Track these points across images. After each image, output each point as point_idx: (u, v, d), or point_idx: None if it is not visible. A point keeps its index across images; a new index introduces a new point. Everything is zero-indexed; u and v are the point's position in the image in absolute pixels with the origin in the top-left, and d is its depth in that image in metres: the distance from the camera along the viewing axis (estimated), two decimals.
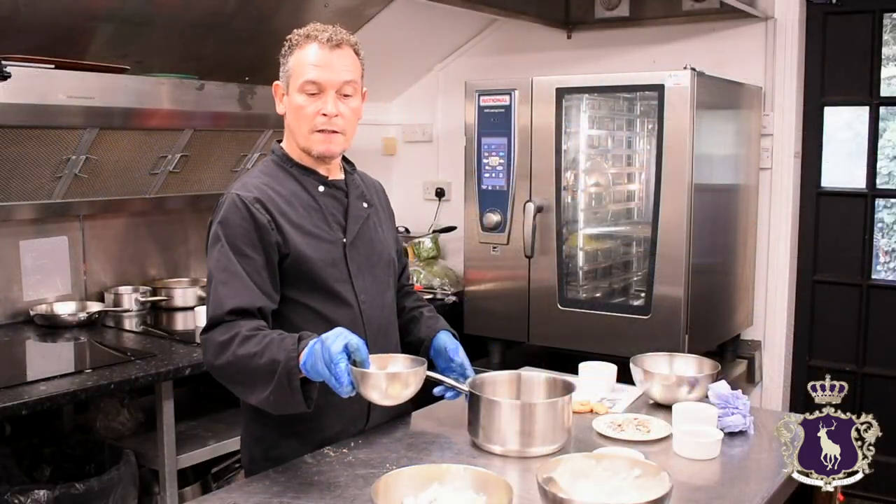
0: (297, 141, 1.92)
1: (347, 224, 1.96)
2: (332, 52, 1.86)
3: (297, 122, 1.90)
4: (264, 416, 1.90)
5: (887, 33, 3.61)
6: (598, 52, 4.00)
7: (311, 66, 1.85)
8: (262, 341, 1.72)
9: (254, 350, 1.71)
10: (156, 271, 3.68)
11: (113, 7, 2.94)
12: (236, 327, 1.76)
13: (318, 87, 1.86)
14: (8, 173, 2.83)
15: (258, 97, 3.39)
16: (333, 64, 1.86)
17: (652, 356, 2.30)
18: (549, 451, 1.84)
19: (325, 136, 1.89)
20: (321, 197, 1.94)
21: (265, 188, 1.88)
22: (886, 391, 3.68)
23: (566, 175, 3.31)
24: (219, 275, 1.82)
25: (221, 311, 1.78)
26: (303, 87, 1.86)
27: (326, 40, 1.86)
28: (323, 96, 1.87)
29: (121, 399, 2.97)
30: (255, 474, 1.91)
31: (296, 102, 1.88)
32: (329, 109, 1.86)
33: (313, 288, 1.89)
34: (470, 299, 3.52)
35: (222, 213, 1.85)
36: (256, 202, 1.84)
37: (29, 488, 2.44)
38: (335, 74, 1.86)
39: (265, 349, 1.70)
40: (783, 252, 3.70)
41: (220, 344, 1.75)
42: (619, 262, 3.71)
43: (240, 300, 1.78)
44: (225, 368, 1.77)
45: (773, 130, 3.66)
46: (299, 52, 1.88)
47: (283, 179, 1.93)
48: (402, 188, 4.58)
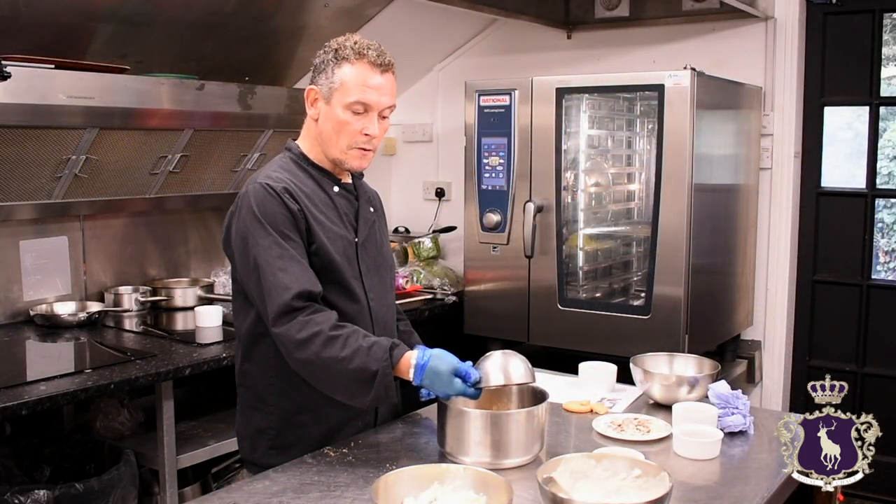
0: (329, 151, 1.95)
1: (358, 225, 2.02)
2: (382, 75, 1.91)
3: (336, 135, 1.92)
4: (269, 407, 1.95)
5: (887, 33, 3.61)
6: (598, 52, 4.00)
7: (365, 87, 1.89)
8: (349, 346, 1.77)
9: (342, 355, 1.76)
10: (156, 271, 3.68)
11: (113, 7, 2.94)
12: (313, 324, 1.78)
13: (366, 107, 1.90)
14: (8, 173, 2.83)
15: (258, 97, 3.39)
16: (384, 87, 1.92)
17: (652, 356, 2.30)
18: (522, 463, 1.79)
19: (362, 153, 1.94)
20: (336, 197, 1.99)
21: (288, 182, 1.91)
22: (886, 391, 3.68)
23: (566, 175, 3.31)
24: (274, 261, 1.82)
25: (288, 295, 1.79)
26: (350, 106, 1.89)
27: (379, 64, 1.90)
28: (368, 116, 1.91)
29: (121, 399, 2.97)
30: (256, 464, 1.95)
31: (339, 117, 1.90)
32: (373, 131, 1.92)
33: (330, 281, 1.91)
34: (470, 299, 3.52)
35: (257, 202, 1.86)
36: (286, 192, 1.87)
37: (29, 488, 2.44)
38: (383, 98, 1.92)
39: (354, 356, 1.76)
40: (783, 252, 3.70)
41: (300, 342, 1.78)
42: (619, 262, 3.71)
43: (304, 283, 1.82)
44: (307, 366, 1.80)
45: (773, 130, 3.66)
46: (350, 69, 1.89)
47: (302, 177, 1.96)
48: (402, 188, 4.58)
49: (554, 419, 2.06)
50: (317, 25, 3.63)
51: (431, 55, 4.39)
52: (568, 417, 2.13)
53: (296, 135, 2.05)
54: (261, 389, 1.96)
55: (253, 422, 1.99)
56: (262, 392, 1.96)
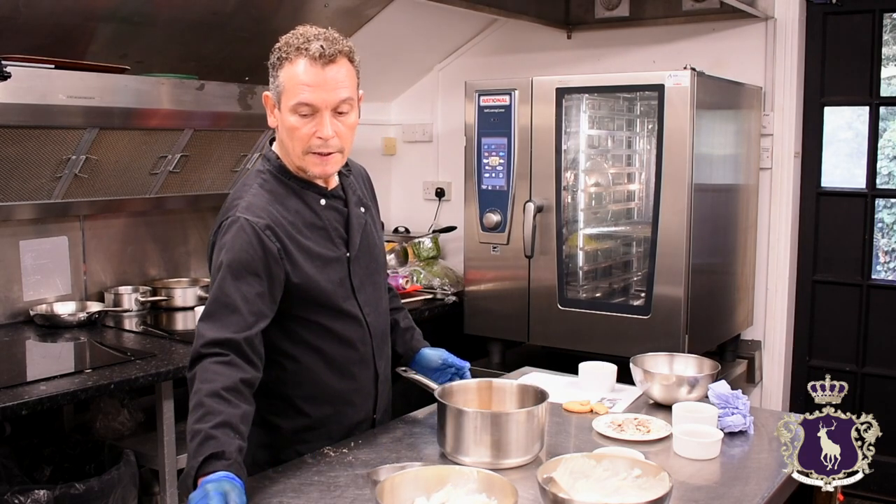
0: (292, 159, 1.84)
1: (350, 236, 1.93)
2: (324, 69, 1.74)
3: (290, 141, 1.80)
4: (274, 423, 1.91)
5: (887, 33, 3.61)
6: (598, 52, 4.00)
7: (304, 86, 1.73)
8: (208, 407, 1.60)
9: (200, 413, 1.60)
10: (156, 271, 3.68)
11: (113, 7, 2.94)
12: (212, 370, 1.66)
13: (312, 108, 1.75)
14: (8, 173, 2.83)
15: (258, 97, 3.39)
16: (327, 82, 1.74)
17: (652, 356, 2.30)
18: (522, 462, 1.78)
19: (320, 158, 1.80)
20: (323, 211, 1.88)
21: (272, 211, 1.80)
22: (886, 391, 3.68)
23: (566, 175, 3.31)
24: (210, 306, 1.74)
25: (199, 343, 1.71)
26: (295, 109, 1.75)
27: (319, 56, 1.73)
28: (318, 117, 1.76)
29: (121, 399, 2.97)
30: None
31: (289, 122, 1.77)
32: (325, 133, 1.76)
33: (322, 307, 1.87)
34: (470, 299, 3.52)
35: (229, 239, 1.76)
36: (267, 229, 1.77)
37: (29, 488, 2.44)
38: (329, 94, 1.75)
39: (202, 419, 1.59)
40: (783, 252, 3.70)
41: (190, 381, 1.69)
42: (619, 262, 3.71)
43: (220, 331, 1.70)
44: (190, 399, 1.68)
45: (773, 130, 3.66)
46: (290, 68, 1.75)
47: (284, 196, 1.85)
48: (402, 188, 4.58)
49: (554, 419, 2.06)
50: (317, 25, 3.63)
51: (431, 55, 4.39)
52: (568, 417, 2.13)
53: None
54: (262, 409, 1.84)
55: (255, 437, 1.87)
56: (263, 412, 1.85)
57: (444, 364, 2.10)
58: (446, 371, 2.10)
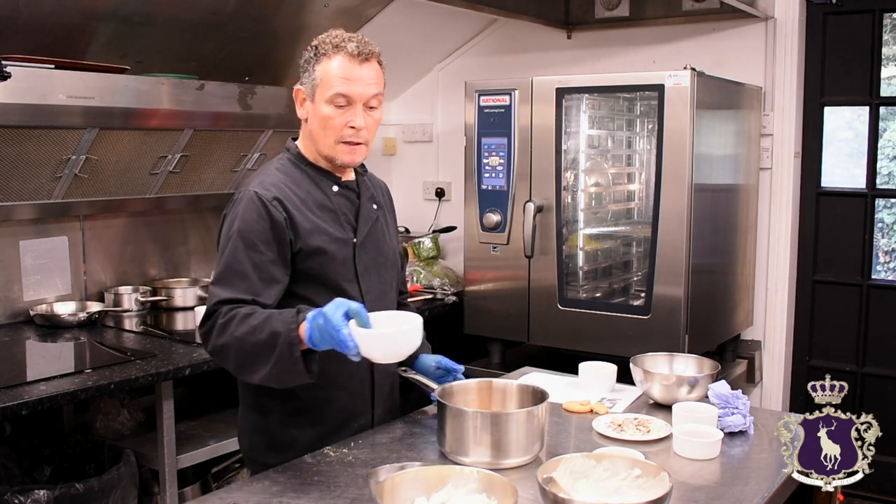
0: (320, 148, 1.95)
1: (358, 225, 2.00)
2: (361, 66, 1.89)
3: (322, 131, 1.92)
4: (267, 406, 1.96)
5: (887, 33, 3.61)
6: (598, 52, 4.00)
7: (341, 78, 1.88)
8: (261, 317, 1.75)
9: (254, 324, 1.74)
10: (156, 271, 3.68)
11: (113, 7, 2.94)
12: (234, 311, 1.79)
13: (348, 99, 1.89)
14: (8, 173, 2.83)
15: (258, 97, 3.39)
16: (362, 77, 1.89)
17: (652, 356, 2.30)
18: (522, 462, 1.78)
19: (350, 147, 1.93)
20: (335, 197, 1.98)
21: (283, 187, 1.92)
22: (886, 391, 3.68)
23: (566, 175, 3.31)
24: (221, 271, 1.85)
25: (212, 302, 1.82)
26: (332, 99, 1.89)
27: (357, 53, 1.88)
28: (351, 109, 1.90)
29: (121, 399, 2.97)
30: (255, 462, 1.98)
31: (323, 113, 1.90)
32: (358, 123, 1.90)
33: (322, 285, 1.91)
34: (470, 299, 3.52)
35: (240, 210, 1.88)
36: (275, 200, 1.88)
37: (29, 488, 2.44)
38: (364, 88, 1.89)
39: (264, 324, 1.73)
40: (783, 252, 3.70)
41: (221, 326, 1.78)
42: (619, 262, 3.71)
43: (233, 292, 1.81)
44: (226, 349, 1.79)
45: (773, 130, 3.66)
46: (327, 63, 1.89)
47: (300, 179, 1.96)
48: (402, 188, 4.58)
49: (554, 419, 2.06)
50: (317, 25, 3.63)
51: (431, 55, 4.39)
52: (568, 417, 2.13)
53: (296, 134, 2.06)
54: (255, 390, 1.96)
55: (251, 420, 2.01)
56: (256, 393, 1.97)
57: (439, 367, 2.12)
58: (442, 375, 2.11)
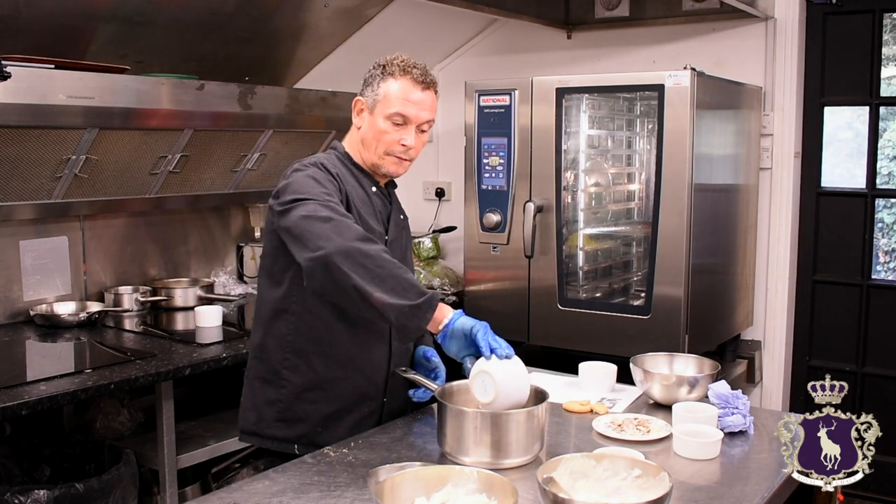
0: (369, 156, 2.09)
1: (389, 225, 2.16)
2: (422, 92, 2.05)
3: (375, 142, 2.07)
4: (281, 381, 2.03)
5: (887, 33, 3.61)
6: (598, 52, 4.00)
7: (405, 101, 2.03)
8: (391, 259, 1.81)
9: (390, 259, 1.79)
10: (156, 271, 3.68)
11: (113, 7, 2.94)
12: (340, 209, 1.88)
13: (405, 119, 2.04)
14: (8, 173, 2.83)
15: (258, 97, 3.39)
16: (422, 102, 2.06)
17: (652, 356, 2.30)
18: (522, 462, 1.78)
19: (398, 160, 2.08)
20: (372, 195, 2.12)
21: (335, 171, 2.03)
22: (886, 391, 3.68)
23: (566, 175, 3.31)
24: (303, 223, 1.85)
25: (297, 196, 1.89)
26: (391, 117, 2.04)
27: (421, 80, 2.05)
28: (406, 128, 2.05)
29: (121, 399, 2.97)
30: (259, 435, 2.05)
31: (380, 126, 2.05)
32: (409, 142, 2.06)
33: None
34: (470, 299, 3.52)
35: (300, 176, 1.95)
36: (337, 175, 2.01)
37: (29, 488, 2.44)
38: (421, 112, 2.06)
39: (402, 269, 1.79)
40: (783, 252, 3.70)
41: (334, 225, 1.81)
42: (619, 262, 3.71)
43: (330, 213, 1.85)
44: (357, 254, 1.77)
45: (773, 130, 3.66)
46: (394, 83, 2.04)
47: (345, 172, 2.08)
48: (402, 188, 4.52)
49: (554, 419, 2.06)
50: (317, 25, 3.64)
51: (431, 55, 4.39)
52: (568, 417, 2.13)
53: (299, 134, 2.09)
54: (275, 363, 2.04)
55: (263, 393, 2.06)
56: (276, 366, 2.04)
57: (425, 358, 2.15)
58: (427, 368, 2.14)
